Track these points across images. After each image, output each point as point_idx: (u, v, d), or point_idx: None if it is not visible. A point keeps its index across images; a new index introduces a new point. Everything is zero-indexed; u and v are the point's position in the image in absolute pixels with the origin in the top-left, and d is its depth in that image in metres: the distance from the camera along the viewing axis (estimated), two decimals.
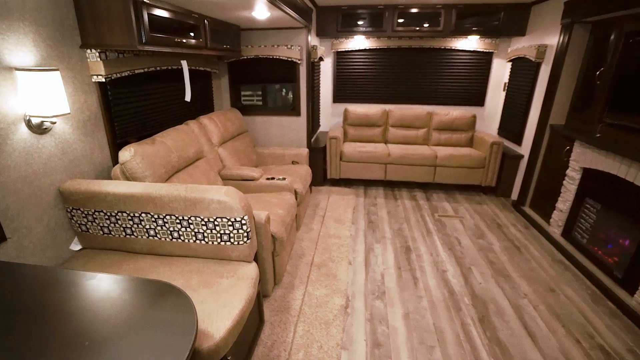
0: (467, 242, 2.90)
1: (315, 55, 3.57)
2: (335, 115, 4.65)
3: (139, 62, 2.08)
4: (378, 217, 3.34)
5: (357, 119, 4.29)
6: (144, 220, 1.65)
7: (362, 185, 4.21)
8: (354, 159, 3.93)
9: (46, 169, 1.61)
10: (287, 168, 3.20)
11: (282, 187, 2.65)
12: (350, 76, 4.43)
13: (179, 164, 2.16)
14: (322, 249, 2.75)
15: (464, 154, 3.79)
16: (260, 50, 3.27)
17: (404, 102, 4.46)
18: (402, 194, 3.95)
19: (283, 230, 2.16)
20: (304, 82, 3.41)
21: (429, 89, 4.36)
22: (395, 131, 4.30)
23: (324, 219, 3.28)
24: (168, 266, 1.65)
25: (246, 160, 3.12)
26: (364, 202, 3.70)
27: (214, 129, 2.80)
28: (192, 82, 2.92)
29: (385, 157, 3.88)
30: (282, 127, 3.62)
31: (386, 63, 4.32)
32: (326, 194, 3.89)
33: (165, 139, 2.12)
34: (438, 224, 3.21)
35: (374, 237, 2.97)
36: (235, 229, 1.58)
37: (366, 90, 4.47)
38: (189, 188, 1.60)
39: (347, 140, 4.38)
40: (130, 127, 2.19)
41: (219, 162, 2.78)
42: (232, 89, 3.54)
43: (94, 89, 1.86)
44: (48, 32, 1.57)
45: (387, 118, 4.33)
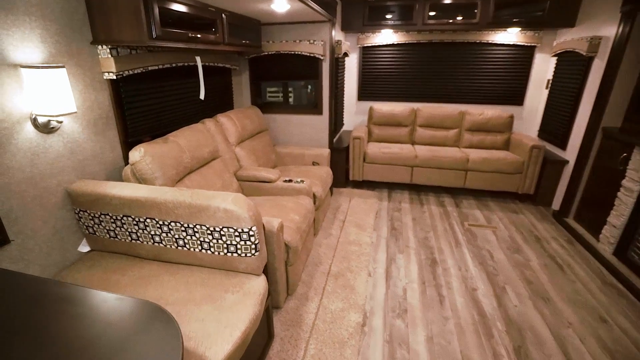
0: (500, 256, 2.63)
1: (339, 51, 3.39)
2: (360, 114, 4.45)
3: (153, 58, 2.00)
4: (402, 224, 3.13)
5: (382, 118, 4.07)
6: (149, 225, 1.56)
7: (386, 188, 3.99)
8: (378, 160, 3.72)
9: (53, 170, 1.55)
10: (307, 169, 3.06)
11: (300, 190, 2.51)
12: (377, 73, 4.21)
13: (191, 164, 2.07)
14: (341, 257, 2.59)
15: (499, 157, 3.48)
16: (281, 46, 3.14)
17: (433, 101, 4.19)
18: (429, 199, 3.70)
19: (298, 238, 2.02)
20: (326, 79, 3.24)
21: (461, 86, 4.06)
22: (423, 131, 4.04)
23: (344, 223, 3.11)
24: (173, 275, 1.56)
25: (264, 160, 3.01)
26: (388, 207, 3.49)
27: (232, 128, 2.70)
28: (211, 79, 2.84)
29: (412, 159, 3.64)
30: (303, 126, 3.48)
31: (415, 59, 4.06)
32: (348, 196, 3.71)
33: (178, 139, 2.04)
34: (468, 234, 2.95)
35: (397, 246, 2.77)
36: (242, 240, 1.46)
37: (393, 87, 4.23)
38: (194, 194, 1.49)
39: (372, 140, 4.17)
40: (144, 126, 2.12)
41: (236, 162, 2.68)
42: (252, 86, 3.44)
43: (106, 87, 1.79)
44: (56, 27, 1.51)
45: (414, 117, 4.07)
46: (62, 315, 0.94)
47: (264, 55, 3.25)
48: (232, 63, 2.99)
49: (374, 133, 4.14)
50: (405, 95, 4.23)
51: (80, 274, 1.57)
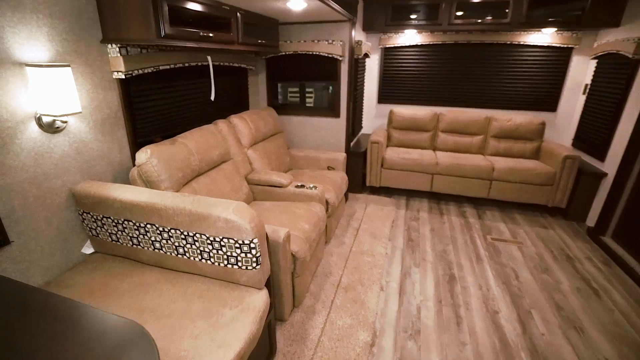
0: (526, 275, 2.42)
1: (359, 52, 3.26)
2: (379, 117, 4.30)
3: (164, 57, 1.96)
4: (419, 235, 2.96)
5: (403, 122, 3.90)
6: (149, 231, 1.50)
7: (404, 195, 3.82)
8: (397, 166, 3.56)
9: (58, 170, 1.53)
10: (321, 174, 2.96)
11: (312, 196, 2.41)
12: (398, 75, 4.05)
13: (200, 167, 2.01)
14: (352, 267, 2.46)
15: (528, 167, 3.24)
16: (299, 46, 3.05)
17: (457, 105, 3.98)
18: (449, 208, 3.50)
19: (306, 248, 1.92)
20: (344, 81, 3.13)
21: (488, 90, 3.83)
22: (445, 137, 3.84)
23: (358, 232, 2.98)
24: (172, 284, 1.49)
25: (278, 163, 2.93)
26: (405, 216, 3.33)
27: (245, 129, 2.64)
28: (226, 79, 2.79)
29: (433, 166, 3.46)
30: (320, 129, 3.38)
31: (439, 60, 3.87)
32: (363, 202, 3.58)
33: (187, 140, 1.99)
34: (491, 249, 2.75)
35: (413, 258, 2.61)
36: (243, 252, 1.37)
37: (415, 90, 4.06)
38: (195, 201, 1.41)
39: (391, 145, 4.01)
40: (155, 126, 2.08)
41: (248, 164, 2.61)
42: (269, 87, 3.37)
43: (115, 86, 1.76)
44: (65, 25, 1.47)
45: (437, 122, 3.88)
46: (39, 331, 0.88)
47: (281, 56, 3.18)
48: (248, 63, 2.94)
49: (394, 137, 3.98)
50: (427, 98, 4.05)
51: (81, 277, 1.54)
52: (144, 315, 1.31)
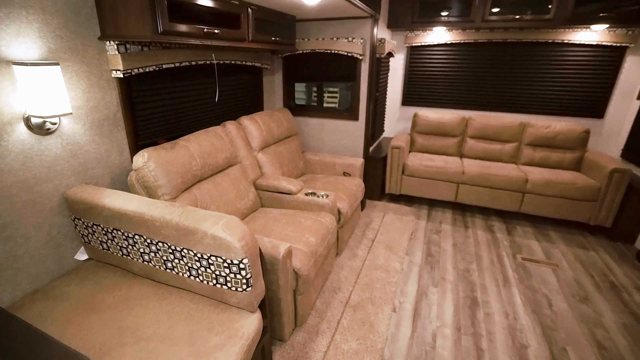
0: (562, 305, 2.13)
1: (382, 50, 3.05)
2: (403, 120, 4.06)
3: (168, 55, 1.86)
4: (440, 250, 2.72)
5: (427, 126, 3.64)
6: (137, 242, 1.40)
7: (426, 204, 3.57)
8: (419, 173, 3.32)
9: (50, 174, 1.46)
10: (336, 180, 2.78)
11: (323, 206, 2.24)
12: (425, 75, 3.79)
13: (202, 172, 1.90)
14: (364, 284, 2.28)
15: (568, 180, 2.90)
16: (317, 44, 2.88)
17: (488, 109, 3.66)
18: (475, 221, 3.22)
19: (311, 265, 1.76)
20: (364, 81, 2.93)
21: (524, 93, 3.49)
22: (474, 143, 3.54)
23: (373, 243, 2.79)
24: (160, 300, 1.38)
25: (290, 167, 2.78)
26: (426, 227, 3.09)
27: (256, 132, 2.51)
28: (239, 78, 2.67)
29: (458, 175, 3.19)
30: (337, 132, 3.20)
31: (470, 60, 3.57)
32: (381, 211, 3.37)
33: (190, 143, 1.88)
34: (520, 271, 2.46)
35: (432, 277, 2.38)
36: (232, 273, 1.23)
37: (442, 92, 3.78)
38: (184, 213, 1.29)
39: (414, 150, 3.76)
40: (158, 128, 2.00)
41: (257, 169, 2.49)
42: (285, 87, 3.23)
43: (114, 85, 1.68)
44: (58, 21, 1.40)
45: (465, 127, 3.59)
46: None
47: (298, 54, 3.03)
48: (263, 62, 2.81)
49: (417, 142, 3.73)
50: (455, 101, 3.76)
51: (70, 287, 1.46)
52: (123, 336, 1.20)
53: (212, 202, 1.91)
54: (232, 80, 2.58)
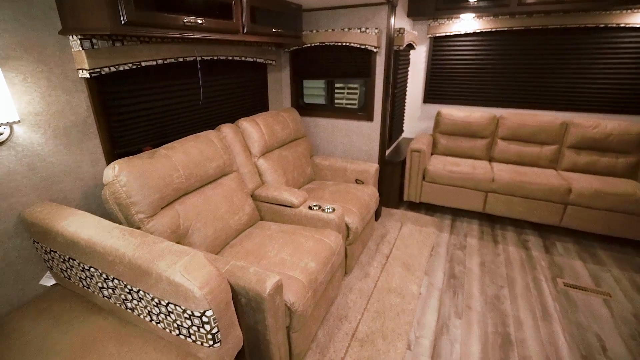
0: (619, 349, 1.74)
1: (400, 42, 2.70)
2: (425, 119, 3.68)
3: (148, 51, 1.62)
4: (465, 270, 2.37)
5: (452, 126, 3.26)
6: (94, 275, 1.17)
7: (450, 214, 3.20)
8: (442, 180, 2.95)
9: (2, 191, 1.25)
10: (347, 189, 2.48)
11: (328, 222, 1.96)
12: (450, 69, 3.39)
13: (187, 184, 1.66)
14: (374, 311, 1.98)
15: (622, 190, 2.46)
16: (327, 36, 2.58)
17: (523, 107, 3.22)
18: (506, 235, 2.82)
19: (308, 297, 1.49)
20: (380, 77, 2.60)
21: (567, 88, 3.02)
22: (506, 145, 3.13)
23: (387, 259, 2.47)
24: (120, 345, 1.15)
25: (296, 174, 2.51)
26: (449, 241, 2.73)
27: (256, 135, 2.25)
28: (240, 75, 2.42)
29: (487, 182, 2.80)
30: (349, 134, 2.89)
31: (502, 51, 3.14)
32: (399, 220, 3.04)
33: (173, 152, 1.64)
34: (563, 300, 2.08)
35: (454, 304, 2.05)
36: (195, 325, 0.97)
37: (469, 88, 3.37)
38: (141, 246, 1.05)
39: (437, 153, 3.39)
40: (141, 134, 1.78)
41: (257, 177, 2.23)
42: (293, 85, 2.95)
43: (83, 87, 1.46)
44: (4, 13, 1.18)
45: (495, 127, 3.18)
46: None
47: (306, 48, 2.74)
48: (267, 57, 2.54)
49: (440, 144, 3.35)
50: (484, 98, 3.34)
51: (23, 322, 1.26)
52: None
53: (198, 219, 1.67)
54: (230, 79, 2.33)
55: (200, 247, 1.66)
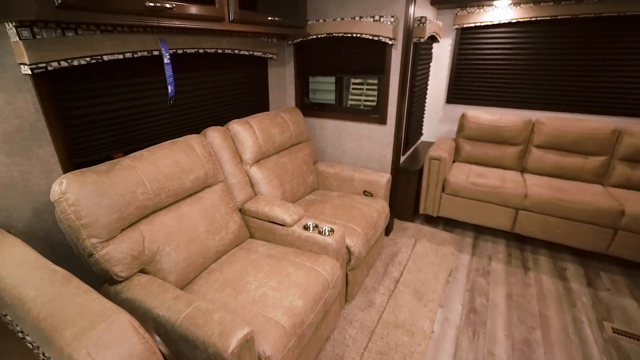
0: None
1: (421, 33, 2.34)
2: (447, 121, 3.29)
3: (109, 42, 1.36)
4: (488, 303, 2.02)
5: (478, 130, 2.87)
6: (8, 323, 0.93)
7: (472, 230, 2.83)
8: (464, 193, 2.59)
9: None
10: (352, 203, 2.17)
11: (324, 247, 1.66)
12: (478, 65, 2.98)
13: (155, 201, 1.41)
14: (377, 352, 1.68)
15: None
16: (335, 26, 2.25)
17: (564, 110, 2.78)
18: (539, 261, 2.43)
19: (291, 346, 1.21)
20: (396, 74, 2.26)
21: (621, 88, 2.56)
22: (542, 155, 2.71)
23: (396, 285, 2.15)
24: None
25: (296, 184, 2.22)
26: (469, 265, 2.37)
27: (249, 139, 1.98)
28: (235, 71, 2.15)
29: (519, 199, 2.41)
30: (359, 138, 2.57)
31: (543, 45, 2.70)
32: (413, 236, 2.70)
33: (139, 163, 1.39)
34: (612, 353, 1.70)
35: (473, 349, 1.71)
36: None
37: (500, 87, 2.95)
38: (53, 300, 0.79)
39: (460, 160, 3.01)
40: (108, 140, 1.54)
41: (248, 188, 1.96)
42: (297, 82, 2.65)
43: (29, 85, 1.22)
44: None
45: (530, 133, 2.76)
46: None
47: (312, 40, 2.42)
48: (266, 50, 2.25)
49: (464, 150, 2.97)
50: (518, 99, 2.92)
51: None
52: None
53: (168, 242, 1.42)
54: (222, 75, 2.07)
55: (170, 275, 1.41)
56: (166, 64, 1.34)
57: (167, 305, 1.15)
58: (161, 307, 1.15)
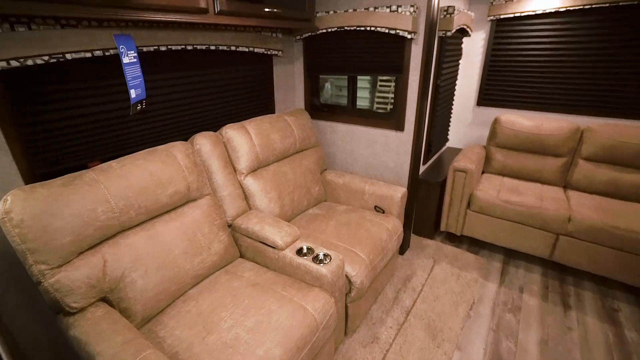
0: None
1: (448, 26, 2.02)
2: (477, 126, 2.92)
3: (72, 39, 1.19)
4: (517, 349, 1.69)
5: (514, 138, 2.49)
6: None
7: (501, 253, 2.47)
8: (494, 211, 2.24)
9: None
10: (359, 220, 1.92)
11: (318, 278, 1.42)
12: (515, 62, 2.59)
13: (122, 220, 1.23)
14: None
15: None
16: (347, 19, 1.98)
17: (621, 116, 2.34)
18: (583, 297, 2.05)
19: None
20: (415, 73, 1.96)
21: None
22: (592, 169, 2.29)
23: (408, 316, 1.88)
24: None
25: (297, 196, 2.00)
26: (496, 297, 2.04)
27: (244, 146, 1.77)
28: (233, 70, 1.95)
29: (560, 222, 2.04)
30: (372, 144, 2.30)
31: (596, 39, 2.28)
32: (431, 257, 2.39)
33: (105, 176, 1.22)
34: None
35: None
36: None
37: (541, 88, 2.55)
38: None
39: (490, 171, 2.65)
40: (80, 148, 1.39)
41: (241, 201, 1.75)
42: (307, 81, 2.41)
43: None
44: None
45: (578, 142, 2.35)
46: None
47: (321, 34, 2.17)
48: (270, 46, 2.03)
49: (496, 160, 2.60)
50: (562, 102, 2.50)
51: None
52: None
53: (136, 267, 1.24)
54: (219, 74, 1.87)
55: (135, 305, 1.23)
56: (126, 64, 1.15)
57: (112, 353, 0.97)
58: (105, 355, 0.97)
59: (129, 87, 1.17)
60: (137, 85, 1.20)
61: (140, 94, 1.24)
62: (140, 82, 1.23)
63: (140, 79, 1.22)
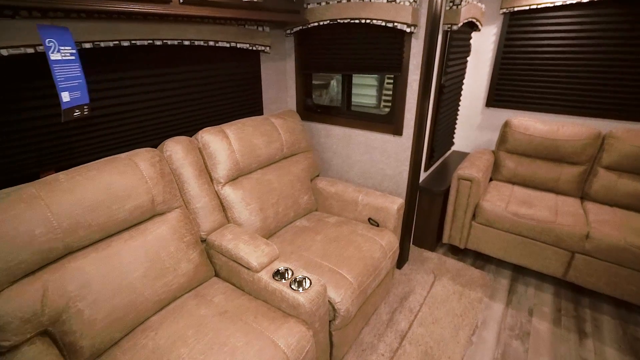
0: None
1: (454, 19, 1.81)
2: (486, 129, 2.70)
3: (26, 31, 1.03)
4: None
5: (526, 143, 2.27)
6: None
7: (509, 269, 2.26)
8: (502, 224, 2.03)
9: None
10: (350, 235, 1.73)
11: (294, 306, 1.25)
12: (530, 60, 2.35)
13: (67, 242, 1.07)
14: None
15: None
16: (340, 10, 1.79)
17: None
18: (601, 323, 1.83)
19: None
20: (415, 72, 1.76)
21: None
22: (613, 179, 2.06)
23: (402, 341, 1.69)
24: None
25: (283, 207, 1.82)
26: (503, 319, 1.84)
27: (222, 153, 1.60)
28: (216, 68, 1.77)
29: (577, 239, 1.82)
30: (370, 150, 2.11)
31: (619, 34, 2.03)
32: (432, 271, 2.20)
33: (48, 191, 1.06)
34: None
35: None
36: None
37: (558, 88, 2.31)
38: None
39: (499, 179, 2.43)
40: (26, 155, 1.23)
41: (217, 214, 1.58)
42: (298, 79, 2.23)
43: None
44: None
45: (598, 149, 2.12)
46: None
47: (313, 29, 1.98)
48: (255, 42, 1.84)
49: (505, 167, 2.38)
50: (581, 104, 2.26)
51: None
52: None
53: (82, 296, 1.09)
54: (197, 72, 1.70)
55: (82, 339, 1.07)
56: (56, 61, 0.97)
57: None
58: None
59: (58, 90, 0.99)
60: (73, 87, 1.03)
61: (78, 98, 1.06)
62: (80, 84, 1.06)
63: (80, 79, 1.05)
